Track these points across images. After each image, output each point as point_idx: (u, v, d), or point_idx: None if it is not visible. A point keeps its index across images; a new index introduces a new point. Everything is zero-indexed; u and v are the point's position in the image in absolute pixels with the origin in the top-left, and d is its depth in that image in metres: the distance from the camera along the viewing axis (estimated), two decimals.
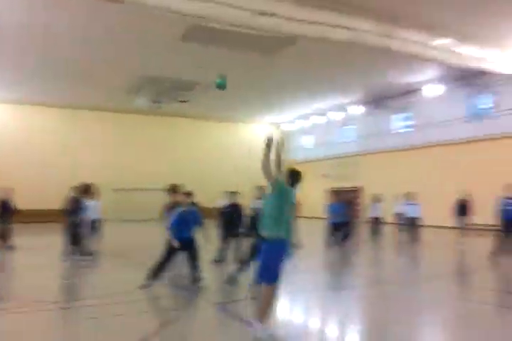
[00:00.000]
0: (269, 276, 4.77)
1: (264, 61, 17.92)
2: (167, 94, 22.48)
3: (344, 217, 13.04)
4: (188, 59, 17.87)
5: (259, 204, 7.61)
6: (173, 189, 8.75)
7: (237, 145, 32.59)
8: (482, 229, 16.42)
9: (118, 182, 26.67)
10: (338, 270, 10.09)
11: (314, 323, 5.82)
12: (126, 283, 7.62)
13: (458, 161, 20.63)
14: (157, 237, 12.52)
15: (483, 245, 14.27)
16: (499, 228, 10.96)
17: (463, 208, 14.83)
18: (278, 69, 19.29)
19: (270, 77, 20.75)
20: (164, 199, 9.28)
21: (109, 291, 7.08)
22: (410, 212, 14.90)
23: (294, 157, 34.11)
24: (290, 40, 14.28)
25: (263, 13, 11.89)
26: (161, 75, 20.46)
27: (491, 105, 20.55)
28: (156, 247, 7.90)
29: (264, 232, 4.85)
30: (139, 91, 22.67)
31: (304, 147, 33.44)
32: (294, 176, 5.21)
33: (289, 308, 6.52)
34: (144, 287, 7.02)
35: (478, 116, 21.01)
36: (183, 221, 7.33)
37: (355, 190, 27.05)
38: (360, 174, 26.98)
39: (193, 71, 19.58)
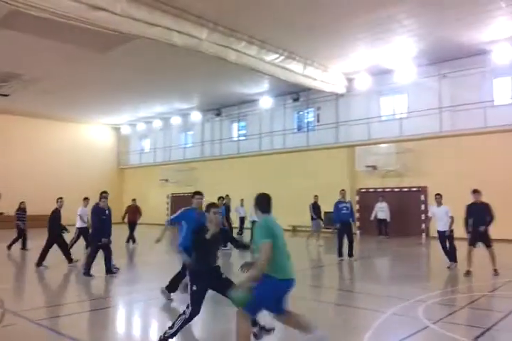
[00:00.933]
0: None
1: (98, 59, 16.96)
2: None
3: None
4: (9, 48, 15.95)
5: None
6: None
7: (72, 146, 30.21)
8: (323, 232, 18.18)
9: None
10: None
11: None
12: None
13: (290, 168, 22.29)
14: None
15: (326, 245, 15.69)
16: (336, 230, 11.94)
17: (316, 211, 16.07)
18: (114, 68, 18.46)
19: (106, 77, 19.75)
20: None
21: None
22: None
23: (132, 161, 33.16)
24: (126, 39, 13.80)
25: (96, 8, 11.29)
26: None
27: (313, 119, 22.83)
28: None
29: None
30: None
31: (143, 151, 32.70)
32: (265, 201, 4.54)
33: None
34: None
35: (304, 128, 23.13)
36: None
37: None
38: (199, 180, 27.38)
39: (14, 61, 17.53)
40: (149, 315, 6.61)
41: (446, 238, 10.12)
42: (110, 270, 9.26)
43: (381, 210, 18.10)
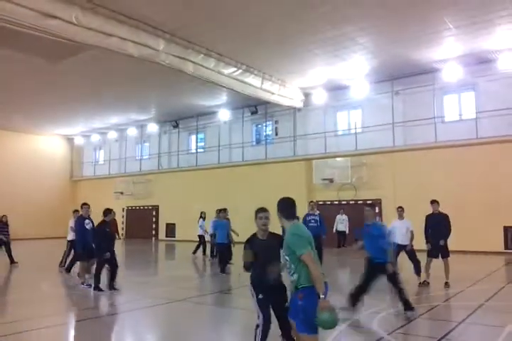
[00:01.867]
0: None
1: (50, 68, 16.41)
2: None
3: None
4: None
5: None
6: None
7: (22, 157, 29.00)
8: None
9: None
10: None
11: None
12: None
13: (249, 181, 22.23)
14: None
15: None
16: None
17: None
18: (68, 78, 17.94)
19: (59, 87, 19.14)
20: None
21: None
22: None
23: (85, 173, 32.21)
24: (80, 48, 13.48)
25: (50, 16, 10.96)
26: None
27: (270, 132, 23.02)
28: None
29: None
30: None
31: (97, 163, 31.82)
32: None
33: None
34: None
35: (262, 141, 23.25)
36: None
37: (156, 209, 26.89)
38: (155, 192, 26.93)
39: None
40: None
41: (401, 251, 9.77)
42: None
43: (341, 222, 18.25)
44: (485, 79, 16.71)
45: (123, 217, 28.26)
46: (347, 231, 18.24)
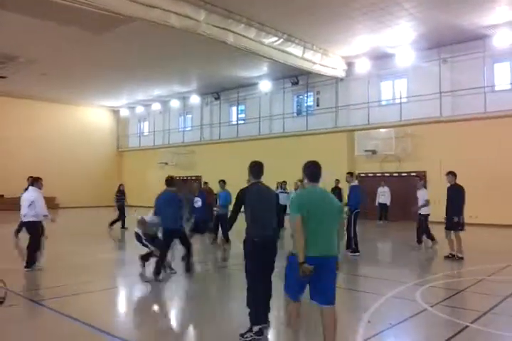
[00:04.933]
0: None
1: (95, 41, 16.76)
2: None
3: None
4: (4, 29, 15.70)
5: None
6: None
7: (72, 128, 30.08)
8: None
9: None
10: None
11: None
12: None
13: (289, 152, 22.13)
14: None
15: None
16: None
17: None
18: (112, 50, 18.26)
19: (104, 59, 19.52)
20: None
21: None
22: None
23: (131, 144, 33.09)
24: (123, 20, 13.61)
25: None
26: None
27: (312, 103, 22.67)
28: None
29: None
30: None
31: (141, 134, 32.59)
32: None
33: None
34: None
35: (303, 112, 22.99)
36: None
37: (199, 179, 27.42)
38: (197, 163, 27.40)
39: (9, 43, 17.23)
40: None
41: None
42: None
43: (382, 195, 18.09)
44: None
45: None
46: (388, 204, 18.05)
